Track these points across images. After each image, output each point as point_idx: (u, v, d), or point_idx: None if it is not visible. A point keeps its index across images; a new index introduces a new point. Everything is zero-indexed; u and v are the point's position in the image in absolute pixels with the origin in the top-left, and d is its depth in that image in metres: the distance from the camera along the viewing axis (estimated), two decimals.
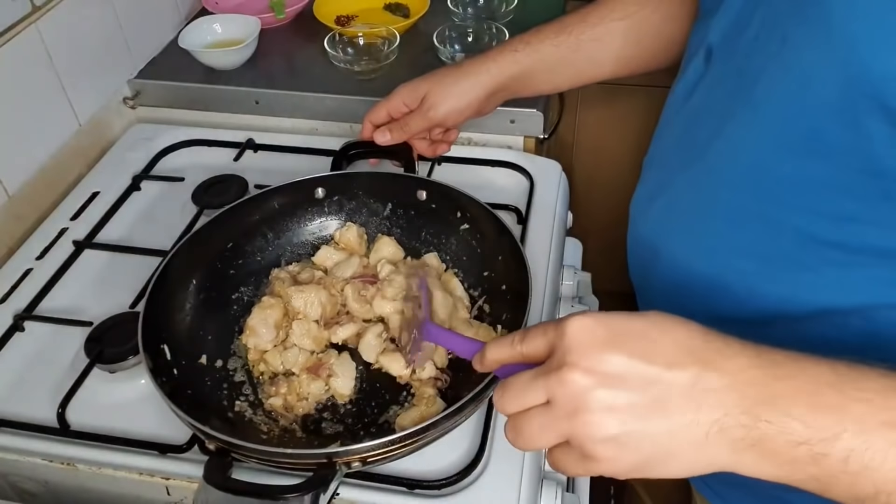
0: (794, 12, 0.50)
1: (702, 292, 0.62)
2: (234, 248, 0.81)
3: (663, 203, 0.67)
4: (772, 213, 0.56)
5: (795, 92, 0.51)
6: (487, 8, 1.23)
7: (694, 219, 0.63)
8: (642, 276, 0.74)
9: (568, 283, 0.90)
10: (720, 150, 0.59)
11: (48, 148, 0.97)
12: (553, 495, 0.68)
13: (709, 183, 0.61)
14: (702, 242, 0.63)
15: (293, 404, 0.70)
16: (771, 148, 0.54)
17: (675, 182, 0.65)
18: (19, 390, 0.75)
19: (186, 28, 1.15)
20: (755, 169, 0.56)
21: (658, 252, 0.68)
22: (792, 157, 0.53)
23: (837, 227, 0.53)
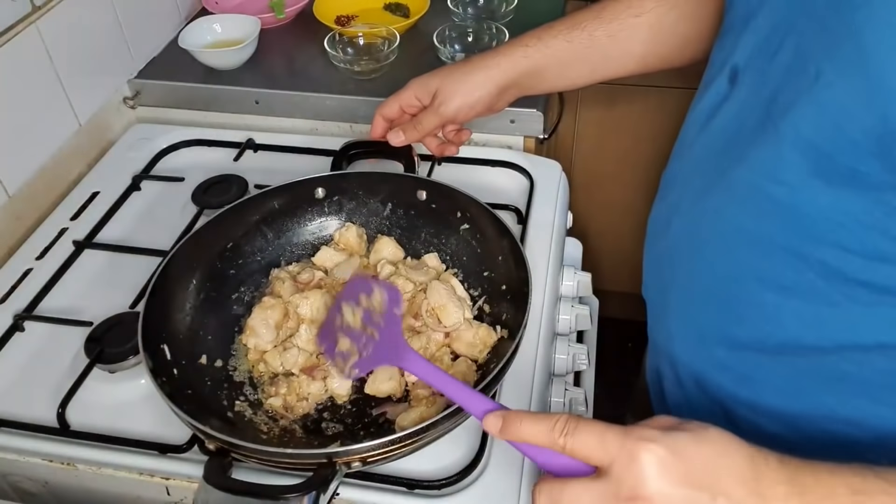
0: (829, 48, 0.49)
1: (719, 317, 0.61)
2: (234, 248, 0.81)
3: (684, 225, 0.66)
4: (798, 246, 0.55)
5: (831, 129, 0.49)
6: (487, 8, 1.23)
7: (716, 244, 0.62)
8: (658, 294, 0.73)
9: (568, 283, 0.90)
10: (745, 178, 0.57)
11: (48, 148, 0.97)
12: None
13: (732, 210, 0.59)
14: (722, 269, 0.62)
15: (293, 404, 0.70)
16: (803, 181, 0.52)
17: (697, 205, 0.64)
18: (19, 390, 0.75)
19: (186, 28, 1.15)
20: (784, 201, 0.54)
21: (676, 272, 0.67)
22: (828, 191, 0.51)
23: (866, 266, 0.52)
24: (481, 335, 0.73)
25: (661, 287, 0.72)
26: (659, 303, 0.73)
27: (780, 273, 0.57)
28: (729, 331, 0.61)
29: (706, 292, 0.63)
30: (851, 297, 0.53)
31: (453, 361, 0.73)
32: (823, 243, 0.53)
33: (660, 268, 0.72)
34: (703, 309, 0.63)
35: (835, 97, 0.48)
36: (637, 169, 1.60)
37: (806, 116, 0.51)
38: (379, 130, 0.87)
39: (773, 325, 0.58)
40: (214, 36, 1.17)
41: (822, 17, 0.49)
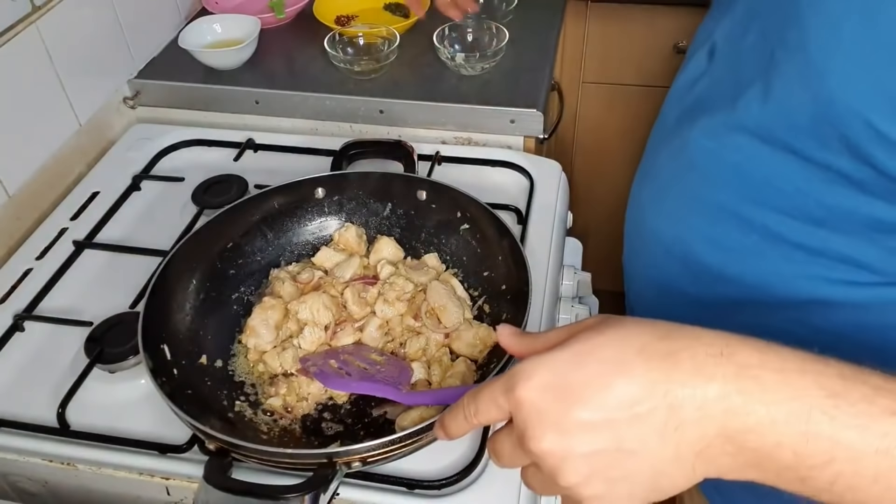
0: (781, 32, 0.52)
1: (678, 277, 0.64)
2: (234, 248, 0.81)
3: (651, 189, 0.69)
4: (745, 211, 0.58)
5: (775, 108, 0.53)
6: (487, 8, 1.23)
7: (675, 208, 0.65)
8: (630, 258, 0.76)
9: (568, 283, 0.90)
10: (705, 147, 0.61)
11: (48, 148, 0.97)
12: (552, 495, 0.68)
13: (692, 177, 0.62)
14: (680, 231, 0.64)
15: (293, 404, 0.70)
16: (751, 152, 0.56)
17: (664, 169, 0.67)
18: (19, 390, 0.75)
19: (186, 28, 1.15)
20: (736, 169, 0.58)
21: (643, 234, 0.70)
22: (770, 163, 0.54)
23: (802, 229, 0.55)
24: (481, 335, 0.73)
25: (632, 249, 0.75)
26: (630, 266, 0.75)
27: (727, 236, 0.60)
28: (686, 289, 0.64)
29: (666, 253, 0.66)
30: (789, 258, 0.57)
31: (453, 362, 0.73)
32: (766, 208, 0.56)
33: (630, 232, 0.75)
34: (664, 269, 0.66)
35: (781, 78, 0.52)
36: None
37: (758, 95, 0.54)
38: None
39: (722, 284, 0.61)
40: (214, 36, 1.17)
41: (779, 3, 0.53)
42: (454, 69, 1.10)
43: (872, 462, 0.38)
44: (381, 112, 1.07)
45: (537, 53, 1.14)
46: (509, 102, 1.04)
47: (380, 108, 1.07)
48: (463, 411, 0.48)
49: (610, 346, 0.41)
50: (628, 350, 0.41)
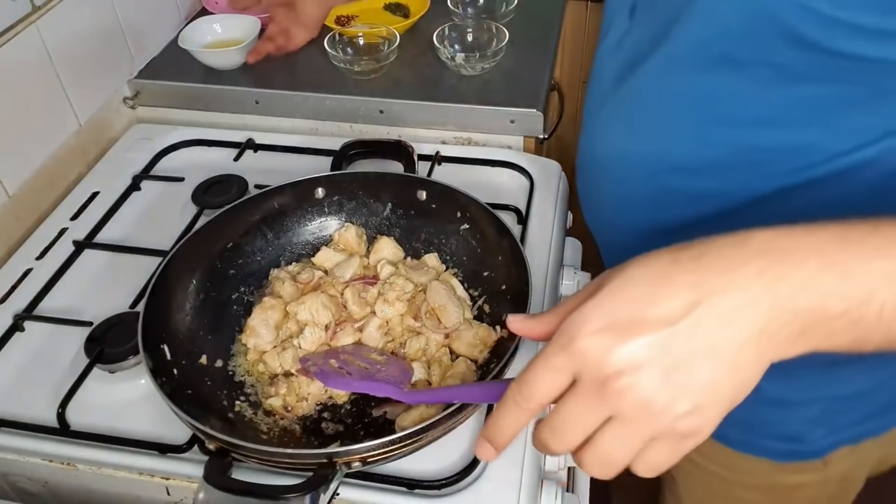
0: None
1: (649, 213, 0.66)
2: (234, 248, 0.81)
3: (604, 144, 0.71)
4: (700, 132, 0.60)
5: (706, 27, 0.55)
6: (487, 8, 1.23)
7: (625, 148, 0.67)
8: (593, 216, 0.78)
9: (568, 283, 0.90)
10: (642, 83, 0.63)
11: (48, 148, 0.97)
12: (553, 495, 0.68)
13: (636, 113, 0.65)
14: (642, 168, 0.66)
15: (293, 404, 0.70)
16: (686, 73, 0.59)
17: (610, 126, 0.69)
18: (19, 390, 0.75)
19: (186, 28, 1.15)
20: (676, 93, 0.60)
21: (607, 187, 0.72)
22: (709, 77, 0.57)
23: (755, 132, 0.57)
24: (481, 335, 0.73)
25: (591, 213, 0.77)
26: (599, 217, 0.77)
27: (686, 158, 0.62)
28: (654, 219, 0.66)
29: (636, 195, 0.68)
30: (748, 161, 0.59)
31: (453, 362, 0.73)
32: (718, 123, 0.59)
33: (591, 188, 0.76)
34: (630, 204, 0.68)
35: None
36: None
37: (686, 23, 0.57)
38: None
39: (694, 205, 0.63)
40: (214, 36, 1.16)
41: None
42: (454, 69, 1.10)
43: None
44: (381, 112, 1.07)
45: (537, 53, 1.14)
46: (509, 102, 1.04)
47: (380, 108, 1.07)
48: (512, 402, 0.45)
49: (643, 270, 0.43)
50: (660, 266, 0.43)
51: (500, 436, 0.47)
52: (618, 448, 0.43)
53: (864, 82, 0.52)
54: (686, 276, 0.42)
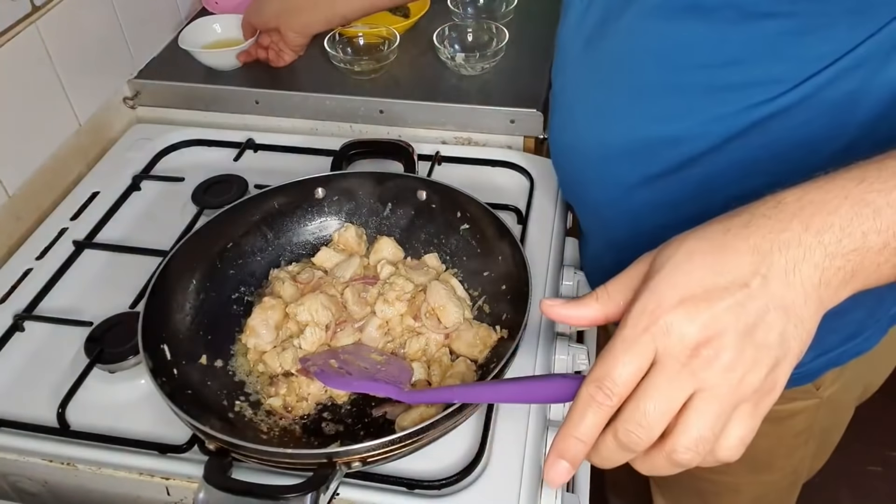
0: None
1: (635, 165, 0.69)
2: (234, 248, 0.81)
3: (572, 100, 0.75)
4: (670, 78, 0.64)
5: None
6: (487, 8, 1.23)
7: (601, 104, 0.70)
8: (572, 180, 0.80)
9: (568, 283, 0.90)
10: (614, 44, 0.67)
11: (48, 148, 0.97)
12: (553, 495, 0.68)
13: (608, 69, 0.69)
14: (624, 125, 0.69)
15: (293, 404, 0.70)
16: (657, 25, 0.63)
17: (578, 79, 0.73)
18: (19, 390, 0.75)
19: (186, 28, 1.15)
20: (647, 45, 0.64)
21: (586, 152, 0.74)
22: (678, 24, 0.62)
23: (727, 72, 0.61)
24: (481, 335, 0.73)
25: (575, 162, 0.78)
26: (577, 179, 0.79)
27: (665, 105, 0.65)
28: (642, 169, 0.69)
29: (612, 145, 0.70)
30: (722, 101, 0.63)
31: (453, 362, 0.73)
32: (688, 68, 0.63)
33: (571, 160, 0.78)
34: (615, 160, 0.71)
35: None
36: None
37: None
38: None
39: (677, 149, 0.66)
40: (214, 36, 1.16)
41: None
42: (454, 69, 1.10)
43: None
44: (381, 112, 1.07)
45: (537, 53, 1.14)
46: (509, 102, 1.04)
47: (380, 108, 1.07)
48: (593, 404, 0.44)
49: (701, 243, 0.45)
50: (716, 236, 0.45)
51: (578, 447, 0.45)
52: (708, 425, 0.43)
53: (812, 12, 0.56)
54: (743, 241, 0.44)
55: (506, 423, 0.70)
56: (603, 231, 0.82)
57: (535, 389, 0.51)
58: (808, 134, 0.62)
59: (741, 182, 0.65)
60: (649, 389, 0.43)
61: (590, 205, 0.81)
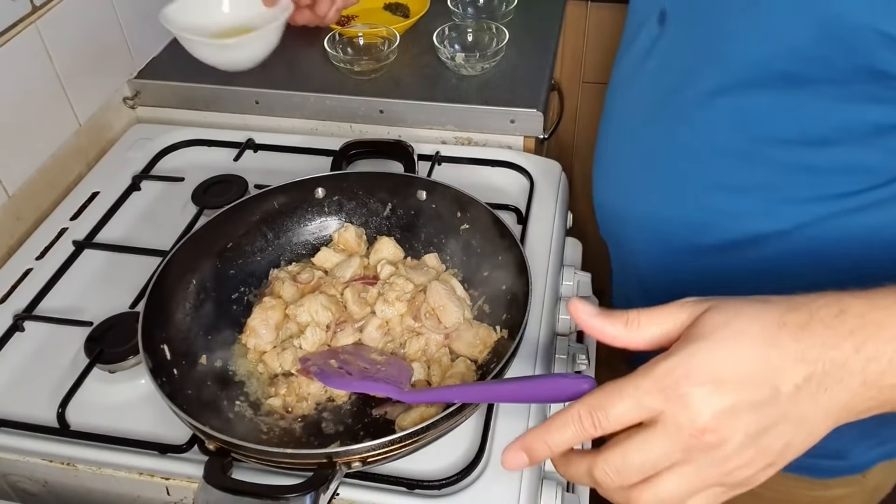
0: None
1: (684, 228, 0.64)
2: (234, 248, 0.81)
3: (633, 155, 0.70)
4: (747, 149, 0.59)
5: (768, 42, 0.53)
6: (487, 8, 1.23)
7: (663, 166, 0.66)
8: (616, 232, 0.77)
9: (568, 284, 0.90)
10: (688, 100, 0.62)
11: (48, 148, 0.97)
12: (553, 495, 0.68)
13: (679, 132, 0.63)
14: (678, 184, 0.65)
15: (293, 405, 0.70)
16: (745, 90, 0.57)
17: (643, 134, 0.68)
18: (19, 390, 0.75)
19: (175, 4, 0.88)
20: (728, 111, 0.59)
21: (633, 200, 0.70)
22: (768, 94, 0.56)
23: (810, 152, 0.57)
24: (481, 335, 0.73)
25: (617, 222, 0.75)
26: (619, 238, 0.76)
27: (734, 176, 0.61)
28: (694, 238, 0.64)
29: (667, 209, 0.67)
30: (800, 182, 0.58)
31: (453, 362, 0.73)
32: (769, 142, 0.58)
33: (616, 200, 0.74)
34: (666, 224, 0.66)
35: (772, 13, 0.52)
36: None
37: (746, 35, 0.55)
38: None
39: (734, 223, 0.62)
40: (221, 18, 0.87)
41: None
42: (454, 69, 1.10)
43: None
44: (381, 112, 1.07)
45: (537, 53, 1.14)
46: (509, 102, 1.04)
47: (380, 108, 1.07)
48: (577, 423, 0.44)
49: (754, 329, 0.43)
50: (770, 328, 0.43)
51: (544, 453, 0.46)
52: (679, 491, 0.43)
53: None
54: (794, 344, 0.42)
55: (506, 423, 0.70)
56: (638, 281, 0.78)
57: (535, 389, 0.51)
58: (893, 237, 0.57)
59: (802, 276, 0.59)
60: (642, 446, 0.43)
61: (628, 257, 0.77)
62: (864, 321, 0.42)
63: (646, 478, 0.43)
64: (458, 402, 0.59)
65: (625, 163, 0.71)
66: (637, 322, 0.46)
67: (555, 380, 0.49)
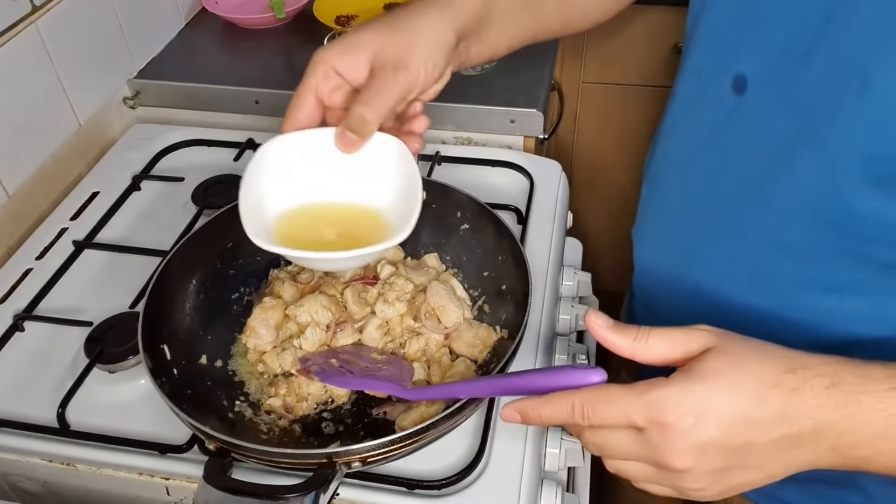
0: (878, 54, 0.49)
1: (770, 326, 0.59)
2: (234, 248, 0.81)
3: (701, 241, 0.67)
4: (851, 249, 0.56)
5: (884, 131, 0.50)
6: None
7: (749, 258, 0.62)
8: (673, 307, 0.74)
9: (568, 283, 0.90)
10: (782, 192, 0.57)
11: (48, 148, 0.97)
12: (553, 495, 0.68)
13: (767, 225, 0.60)
14: (762, 280, 0.62)
15: (293, 405, 0.70)
16: (854, 190, 0.53)
17: (718, 223, 0.64)
18: (19, 390, 0.75)
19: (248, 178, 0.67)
20: (830, 208, 0.55)
21: (701, 289, 0.68)
22: (881, 195, 0.52)
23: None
24: (481, 335, 0.73)
25: (676, 297, 0.72)
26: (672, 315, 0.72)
27: (833, 275, 0.58)
28: (782, 337, 0.58)
29: (748, 304, 0.64)
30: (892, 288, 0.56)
31: (453, 362, 0.73)
32: (877, 243, 0.54)
33: (671, 293, 0.72)
34: (747, 322, 0.60)
35: (889, 98, 0.49)
36: (637, 169, 1.59)
37: (858, 127, 0.51)
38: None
39: (829, 325, 0.60)
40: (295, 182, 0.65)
41: (865, 23, 0.49)
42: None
43: None
44: None
45: (537, 53, 1.14)
46: (509, 102, 1.04)
47: None
48: (568, 411, 0.48)
49: (749, 381, 0.45)
50: (764, 385, 0.45)
51: (535, 420, 0.50)
52: (636, 475, 0.49)
53: None
54: (779, 406, 0.45)
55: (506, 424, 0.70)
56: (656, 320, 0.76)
57: (544, 381, 0.52)
58: None
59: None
60: (622, 441, 0.48)
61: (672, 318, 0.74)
62: (850, 399, 0.45)
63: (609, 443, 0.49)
64: (465, 398, 0.59)
65: (692, 233, 0.67)
66: (646, 342, 0.48)
67: (565, 371, 0.51)
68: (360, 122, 0.59)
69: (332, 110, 0.63)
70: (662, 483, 0.48)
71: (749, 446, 0.46)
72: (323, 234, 0.64)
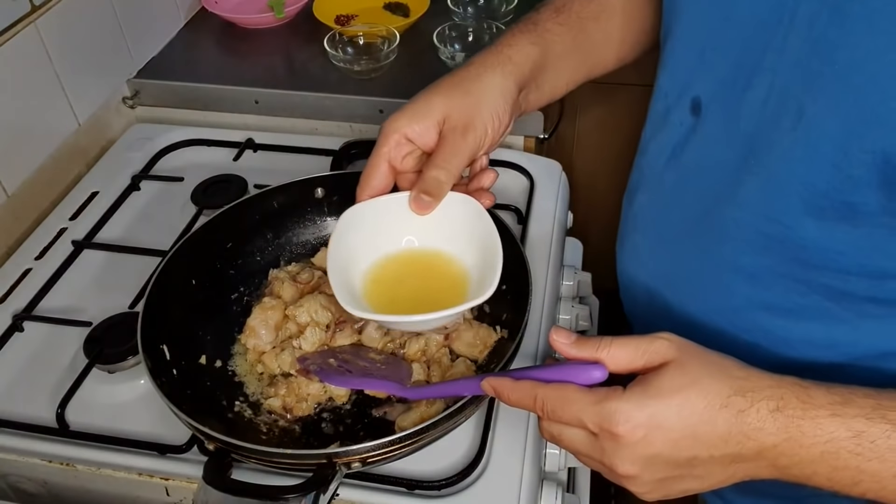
0: (810, 86, 0.49)
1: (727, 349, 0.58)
2: (234, 248, 0.81)
3: (668, 263, 0.68)
4: (801, 274, 0.57)
5: (827, 167, 0.50)
6: (487, 8, 1.23)
7: (710, 280, 0.63)
8: (647, 321, 0.75)
9: (568, 283, 0.90)
10: (733, 216, 0.58)
11: (48, 148, 0.97)
12: (553, 495, 0.68)
13: (723, 248, 0.60)
14: (720, 303, 0.63)
15: (292, 405, 0.70)
16: (797, 219, 0.54)
17: (680, 243, 0.65)
18: (19, 390, 0.75)
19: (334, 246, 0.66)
20: (775, 234, 0.56)
21: (670, 307, 0.69)
22: (822, 225, 0.53)
23: (872, 285, 0.54)
24: (481, 335, 0.73)
25: (651, 314, 0.73)
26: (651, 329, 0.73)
27: (785, 300, 0.59)
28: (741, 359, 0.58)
29: (707, 326, 0.65)
30: (861, 312, 0.56)
31: (453, 362, 0.73)
32: (825, 270, 0.55)
33: (645, 295, 0.73)
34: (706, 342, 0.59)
35: (826, 135, 0.49)
36: None
37: (794, 158, 0.52)
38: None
39: (784, 348, 0.61)
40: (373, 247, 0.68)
41: (797, 57, 0.50)
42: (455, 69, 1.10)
43: (892, 482, 0.47)
44: (381, 112, 1.07)
45: None
46: None
47: (380, 108, 1.07)
48: (532, 404, 0.52)
49: (700, 401, 0.48)
50: (713, 406, 0.48)
51: (505, 400, 0.54)
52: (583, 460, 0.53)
53: None
54: (724, 426, 0.48)
55: (506, 423, 0.70)
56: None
57: (546, 377, 0.53)
58: None
59: None
60: (576, 437, 0.51)
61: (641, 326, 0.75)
62: (791, 424, 0.47)
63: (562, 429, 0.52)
64: (465, 396, 0.59)
65: (661, 262, 0.68)
66: (609, 352, 0.51)
67: (566, 368, 0.52)
68: (435, 184, 0.62)
69: (404, 175, 0.66)
70: (607, 477, 0.52)
71: (694, 460, 0.48)
72: (406, 290, 0.68)
